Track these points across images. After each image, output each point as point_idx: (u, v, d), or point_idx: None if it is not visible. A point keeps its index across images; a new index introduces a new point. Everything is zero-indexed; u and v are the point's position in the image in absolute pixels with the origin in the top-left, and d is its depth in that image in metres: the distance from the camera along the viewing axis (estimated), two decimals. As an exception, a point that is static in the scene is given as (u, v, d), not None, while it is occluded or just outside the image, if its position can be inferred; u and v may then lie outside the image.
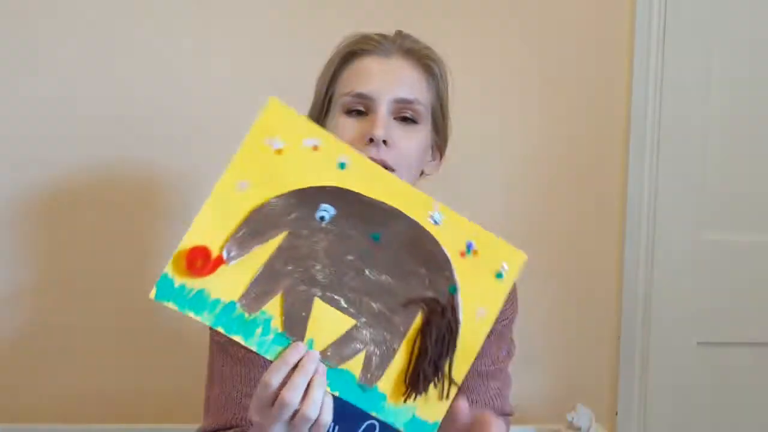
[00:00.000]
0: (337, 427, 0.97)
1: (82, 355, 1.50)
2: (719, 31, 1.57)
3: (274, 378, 0.73)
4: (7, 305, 1.49)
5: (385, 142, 0.93)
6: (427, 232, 0.78)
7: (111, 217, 1.48)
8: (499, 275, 0.79)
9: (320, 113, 1.00)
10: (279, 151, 0.75)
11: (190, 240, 0.73)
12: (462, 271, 0.79)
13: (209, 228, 0.74)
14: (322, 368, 0.75)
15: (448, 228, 0.78)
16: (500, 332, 1.03)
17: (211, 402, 1.01)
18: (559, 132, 1.57)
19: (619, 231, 1.61)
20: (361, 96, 0.95)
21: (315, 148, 0.76)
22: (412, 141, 0.97)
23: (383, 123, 0.93)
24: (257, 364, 0.99)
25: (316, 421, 0.74)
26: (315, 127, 0.78)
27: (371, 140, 0.92)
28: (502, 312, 0.90)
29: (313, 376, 0.74)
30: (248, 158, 0.75)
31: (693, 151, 1.60)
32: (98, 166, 1.47)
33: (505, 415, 1.05)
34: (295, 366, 0.74)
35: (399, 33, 1.02)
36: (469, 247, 0.79)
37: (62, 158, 1.46)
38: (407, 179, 0.97)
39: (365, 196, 0.77)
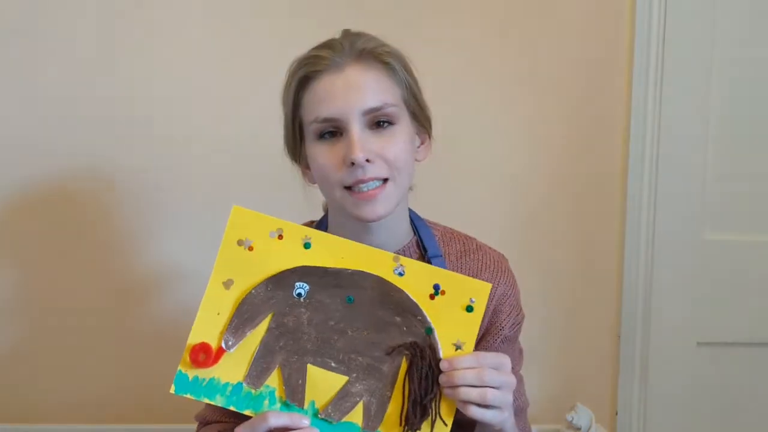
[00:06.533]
0: None
1: (82, 356, 1.50)
2: (719, 31, 1.57)
3: (275, 420, 0.82)
4: (8, 306, 1.49)
5: (368, 160, 0.91)
6: (392, 284, 0.86)
7: (110, 218, 1.48)
8: (469, 308, 0.85)
9: (295, 141, 0.98)
10: (251, 248, 0.86)
11: (192, 339, 0.85)
12: (434, 312, 0.86)
13: (207, 326, 0.85)
14: None
15: (412, 276, 0.86)
16: (505, 336, 1.02)
17: None
18: (560, 132, 1.57)
19: (620, 231, 1.61)
20: (328, 120, 0.92)
21: (280, 237, 0.86)
22: (397, 144, 0.93)
23: (359, 143, 0.90)
24: None
25: None
26: (276, 220, 0.87)
27: (353, 163, 0.90)
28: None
29: None
30: (227, 260, 0.86)
31: (693, 151, 1.60)
32: (97, 168, 1.47)
33: (524, 409, 1.06)
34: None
35: (347, 34, 0.98)
36: (436, 289, 0.86)
37: (63, 159, 1.46)
38: (406, 180, 0.97)
39: (330, 267, 0.86)
